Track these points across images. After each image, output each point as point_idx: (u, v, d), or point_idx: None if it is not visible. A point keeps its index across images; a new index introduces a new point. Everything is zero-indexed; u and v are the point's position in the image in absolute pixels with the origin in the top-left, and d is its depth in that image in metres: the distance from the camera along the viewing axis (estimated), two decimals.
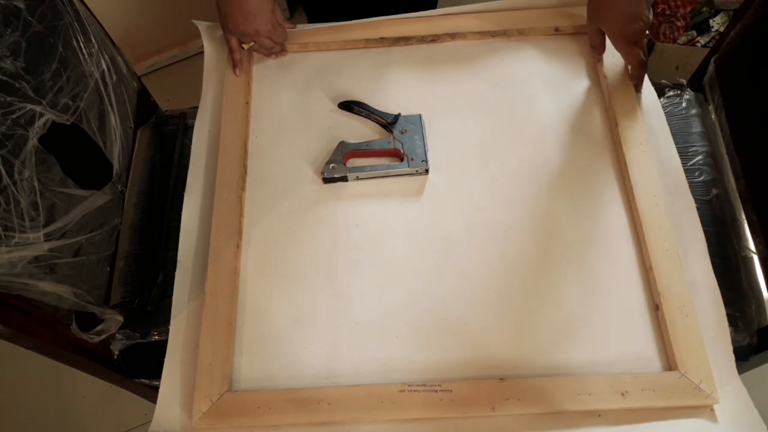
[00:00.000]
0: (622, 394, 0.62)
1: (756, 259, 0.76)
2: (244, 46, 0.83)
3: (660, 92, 0.84)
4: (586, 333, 0.67)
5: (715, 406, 0.63)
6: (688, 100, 0.87)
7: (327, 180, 0.77)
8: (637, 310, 0.68)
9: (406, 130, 0.79)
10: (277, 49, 0.85)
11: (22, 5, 0.64)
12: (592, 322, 0.68)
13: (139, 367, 0.76)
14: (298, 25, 0.89)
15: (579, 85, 0.83)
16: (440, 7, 0.90)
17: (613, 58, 0.82)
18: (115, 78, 0.82)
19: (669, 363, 0.65)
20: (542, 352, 0.66)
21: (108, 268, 0.80)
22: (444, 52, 0.87)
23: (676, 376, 0.63)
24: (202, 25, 0.90)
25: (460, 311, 0.69)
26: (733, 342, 0.67)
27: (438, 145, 0.80)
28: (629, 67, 0.79)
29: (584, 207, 0.74)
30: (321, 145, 0.80)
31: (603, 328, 0.67)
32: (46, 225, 0.65)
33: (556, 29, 0.86)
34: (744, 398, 0.64)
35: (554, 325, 0.68)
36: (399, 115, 0.80)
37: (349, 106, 0.82)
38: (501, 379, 0.64)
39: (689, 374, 0.63)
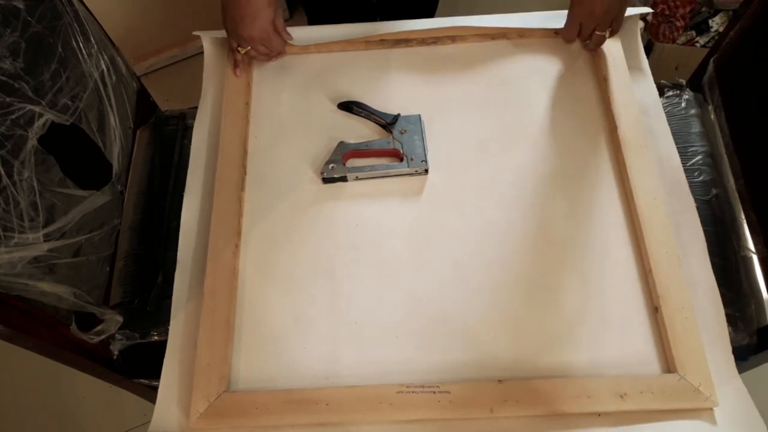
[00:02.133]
0: (621, 397, 0.62)
1: (755, 259, 0.76)
2: (240, 49, 0.83)
3: (659, 92, 0.84)
4: (585, 335, 0.67)
5: (715, 408, 0.63)
6: (687, 100, 0.87)
7: (327, 180, 0.77)
8: (637, 312, 0.68)
9: (405, 131, 0.79)
10: (272, 55, 0.85)
11: (21, 5, 0.64)
12: (591, 323, 0.68)
13: (139, 367, 0.76)
14: (299, 27, 0.89)
15: (579, 87, 0.83)
16: (439, 10, 0.89)
17: (613, 60, 0.82)
18: (114, 78, 0.82)
19: (668, 365, 0.65)
20: (541, 353, 0.66)
21: (108, 269, 0.80)
22: (444, 53, 0.87)
23: (675, 379, 0.63)
24: (203, 34, 0.90)
25: (459, 312, 0.69)
26: (733, 342, 0.67)
27: (438, 146, 0.80)
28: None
29: (584, 208, 0.74)
30: (321, 146, 0.80)
31: (602, 330, 0.67)
32: (45, 225, 0.65)
33: (556, 32, 0.86)
34: (744, 398, 0.64)
35: (553, 327, 0.68)
36: (399, 115, 0.80)
37: (348, 106, 0.82)
38: (500, 380, 0.64)
39: (688, 377, 0.63)
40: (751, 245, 0.77)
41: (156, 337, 0.75)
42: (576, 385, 0.63)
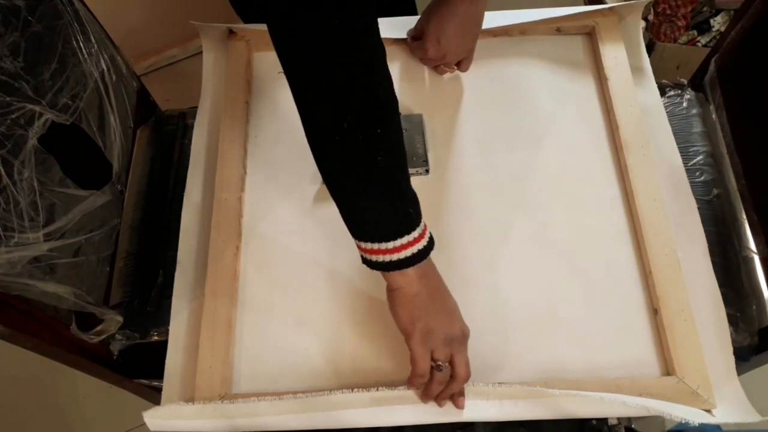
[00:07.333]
0: None
1: (757, 259, 0.76)
2: None
3: (661, 92, 0.83)
4: (584, 336, 0.67)
5: (713, 410, 0.62)
6: (688, 99, 0.87)
7: None
8: (636, 314, 0.68)
9: (406, 130, 0.79)
10: None
11: (21, 5, 0.64)
12: (591, 325, 0.68)
13: (139, 368, 0.75)
14: None
15: (580, 86, 0.83)
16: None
17: (614, 59, 0.82)
18: (114, 78, 0.82)
19: (667, 368, 0.65)
20: (540, 355, 0.66)
21: (108, 268, 0.79)
22: None
23: (673, 381, 0.63)
24: (201, 25, 0.89)
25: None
26: (734, 342, 0.67)
27: (438, 145, 0.79)
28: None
29: (584, 209, 0.74)
30: None
31: (601, 332, 0.67)
32: (45, 225, 0.65)
33: (558, 30, 0.86)
34: (742, 400, 0.63)
35: (552, 328, 0.68)
36: (399, 114, 0.80)
37: None
38: (499, 383, 0.63)
39: (687, 379, 0.63)
40: (752, 245, 0.77)
41: (156, 337, 0.75)
42: (574, 387, 0.63)
